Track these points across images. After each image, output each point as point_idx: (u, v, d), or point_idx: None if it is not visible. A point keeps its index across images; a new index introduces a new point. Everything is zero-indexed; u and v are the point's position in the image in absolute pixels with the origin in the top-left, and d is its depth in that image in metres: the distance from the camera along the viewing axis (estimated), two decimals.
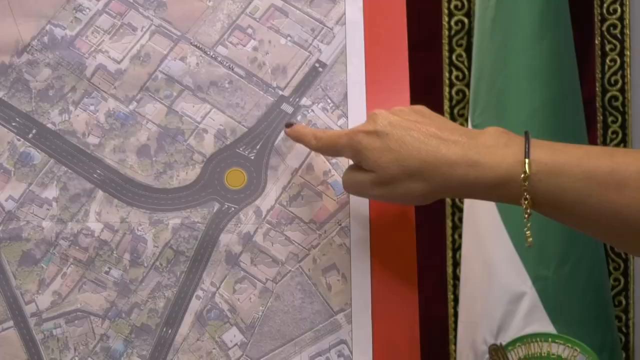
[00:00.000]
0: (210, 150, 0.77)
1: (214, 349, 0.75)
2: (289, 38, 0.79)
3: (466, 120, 0.90)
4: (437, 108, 0.90)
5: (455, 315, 0.91)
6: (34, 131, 0.76)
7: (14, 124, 0.76)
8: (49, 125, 0.76)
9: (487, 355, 0.84)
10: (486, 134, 0.63)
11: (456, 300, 0.91)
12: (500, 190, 0.61)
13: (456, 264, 0.94)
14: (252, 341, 0.75)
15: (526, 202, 0.59)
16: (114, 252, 0.75)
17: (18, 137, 0.76)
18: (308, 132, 0.73)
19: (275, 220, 0.76)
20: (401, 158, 0.64)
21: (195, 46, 0.78)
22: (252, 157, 0.77)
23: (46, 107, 0.76)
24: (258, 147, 0.77)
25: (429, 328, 0.77)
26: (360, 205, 0.76)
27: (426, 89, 0.80)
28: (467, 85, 0.95)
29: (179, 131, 0.77)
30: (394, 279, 0.76)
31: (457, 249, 0.94)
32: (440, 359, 0.84)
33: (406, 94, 0.78)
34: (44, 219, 0.75)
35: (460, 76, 0.94)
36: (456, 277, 0.94)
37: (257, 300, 0.75)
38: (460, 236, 0.98)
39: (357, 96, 0.78)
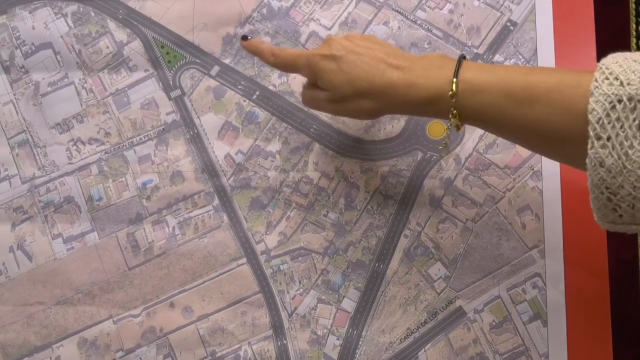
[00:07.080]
0: None
1: (420, 281, 0.84)
2: (481, 0, 0.86)
3: None
4: None
5: None
6: (257, 93, 0.87)
7: (239, 87, 0.87)
8: (270, 87, 0.86)
9: None
10: (426, 59, 0.70)
11: None
12: (433, 107, 0.68)
13: None
14: (454, 274, 0.84)
15: (452, 116, 0.66)
16: (331, 197, 0.85)
17: (244, 99, 0.87)
18: (265, 48, 0.79)
19: (473, 166, 0.84)
20: (352, 79, 0.71)
21: (397, 11, 0.86)
22: None
23: (267, 71, 0.87)
24: None
25: (615, 270, 0.83)
26: None
27: (613, 42, 0.85)
28: None
29: None
30: (584, 217, 0.83)
31: None
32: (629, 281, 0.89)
33: (592, 47, 0.83)
34: (269, 170, 0.86)
35: None
36: None
37: (459, 238, 0.84)
38: None
39: (546, 51, 0.84)
